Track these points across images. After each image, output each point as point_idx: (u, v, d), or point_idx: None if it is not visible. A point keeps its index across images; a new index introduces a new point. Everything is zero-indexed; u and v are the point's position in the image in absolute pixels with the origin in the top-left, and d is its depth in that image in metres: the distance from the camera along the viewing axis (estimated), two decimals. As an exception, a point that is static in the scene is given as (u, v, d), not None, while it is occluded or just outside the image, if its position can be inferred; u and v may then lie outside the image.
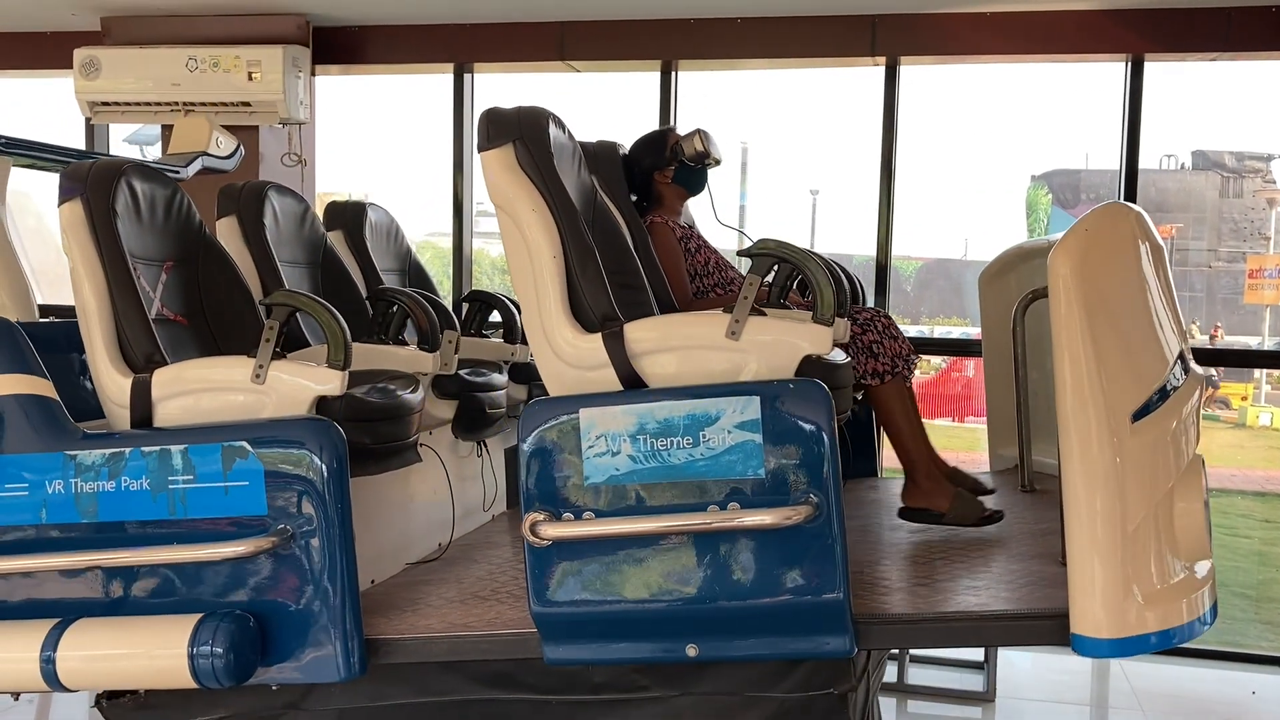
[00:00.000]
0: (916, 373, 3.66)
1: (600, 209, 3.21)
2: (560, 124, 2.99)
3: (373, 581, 3.29)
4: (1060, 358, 2.42)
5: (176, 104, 5.54)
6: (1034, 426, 4.04)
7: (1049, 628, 2.57)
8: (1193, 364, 2.69)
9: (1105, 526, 2.39)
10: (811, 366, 2.63)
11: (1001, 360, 4.29)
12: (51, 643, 2.69)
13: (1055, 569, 2.93)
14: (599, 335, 2.70)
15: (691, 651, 2.61)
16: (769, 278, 2.89)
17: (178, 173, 4.25)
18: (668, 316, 2.86)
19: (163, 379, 2.90)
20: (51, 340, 3.27)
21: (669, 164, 3.71)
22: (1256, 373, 18.47)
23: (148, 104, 5.62)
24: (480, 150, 2.82)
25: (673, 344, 2.70)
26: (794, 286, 3.37)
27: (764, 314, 2.73)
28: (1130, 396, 2.42)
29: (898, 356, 3.38)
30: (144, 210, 3.18)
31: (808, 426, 2.52)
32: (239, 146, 4.94)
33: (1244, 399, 18.73)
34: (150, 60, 5.58)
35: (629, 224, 3.49)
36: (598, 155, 3.58)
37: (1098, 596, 2.40)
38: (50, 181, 3.60)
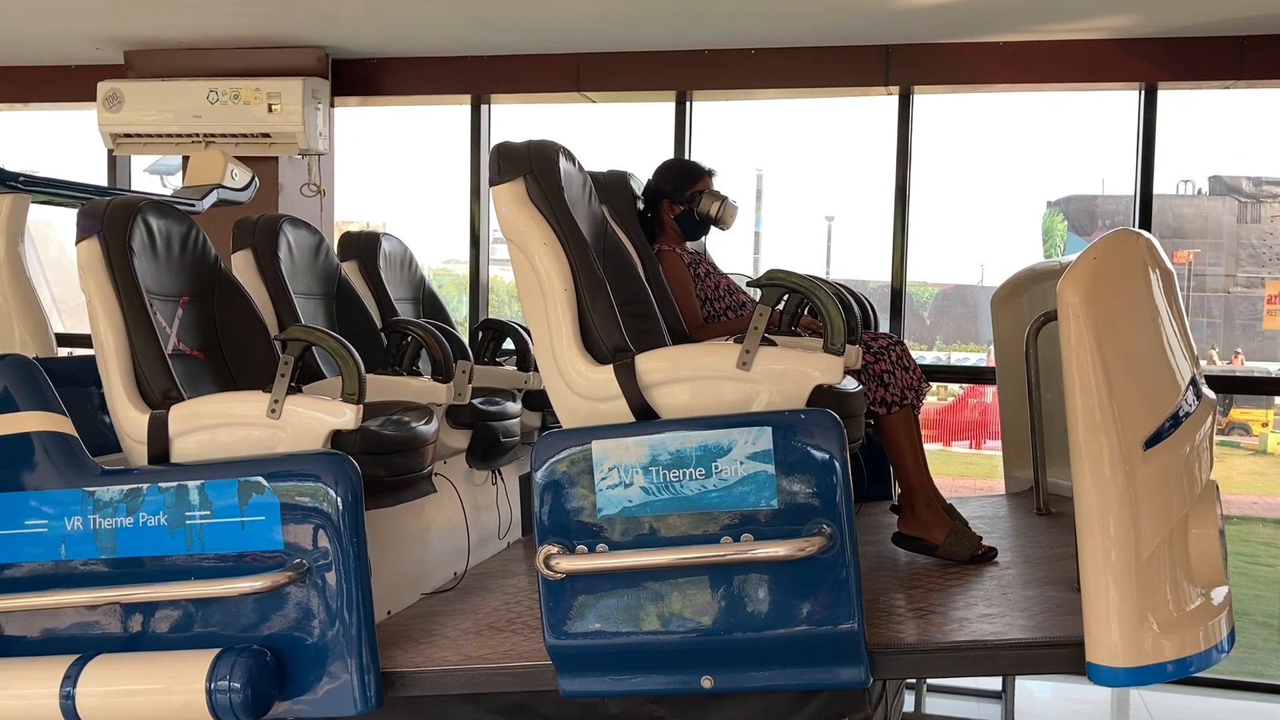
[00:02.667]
0: (933, 398, 3.67)
1: (611, 239, 3.23)
2: (570, 157, 3.02)
3: (389, 612, 3.30)
4: (1071, 386, 2.42)
5: (197, 135, 5.60)
6: (1049, 448, 4.03)
7: (1064, 656, 2.56)
8: (1205, 389, 2.69)
9: (1119, 555, 2.38)
10: (823, 396, 2.64)
11: (1015, 382, 4.29)
12: (71, 678, 2.71)
13: (1070, 595, 2.92)
14: (610, 367, 2.72)
15: (706, 683, 2.61)
16: (779, 306, 2.90)
17: (193, 206, 4.29)
18: (679, 348, 2.87)
19: (179, 415, 2.92)
20: (70, 375, 3.31)
21: (680, 203, 3.75)
22: (1277, 399, 18.32)
23: (169, 135, 5.68)
24: (491, 185, 2.84)
25: (684, 375, 2.71)
26: (805, 312, 3.39)
27: (774, 344, 2.74)
28: (1142, 424, 2.41)
29: (908, 387, 3.38)
30: (160, 247, 3.22)
31: (820, 456, 2.52)
32: (254, 178, 4.98)
33: (1264, 425, 18.57)
34: (172, 92, 5.64)
35: (639, 253, 3.51)
36: (609, 185, 3.60)
37: (1113, 625, 2.39)
38: (73, 214, 3.66)
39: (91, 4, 5.06)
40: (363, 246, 4.44)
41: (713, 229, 3.84)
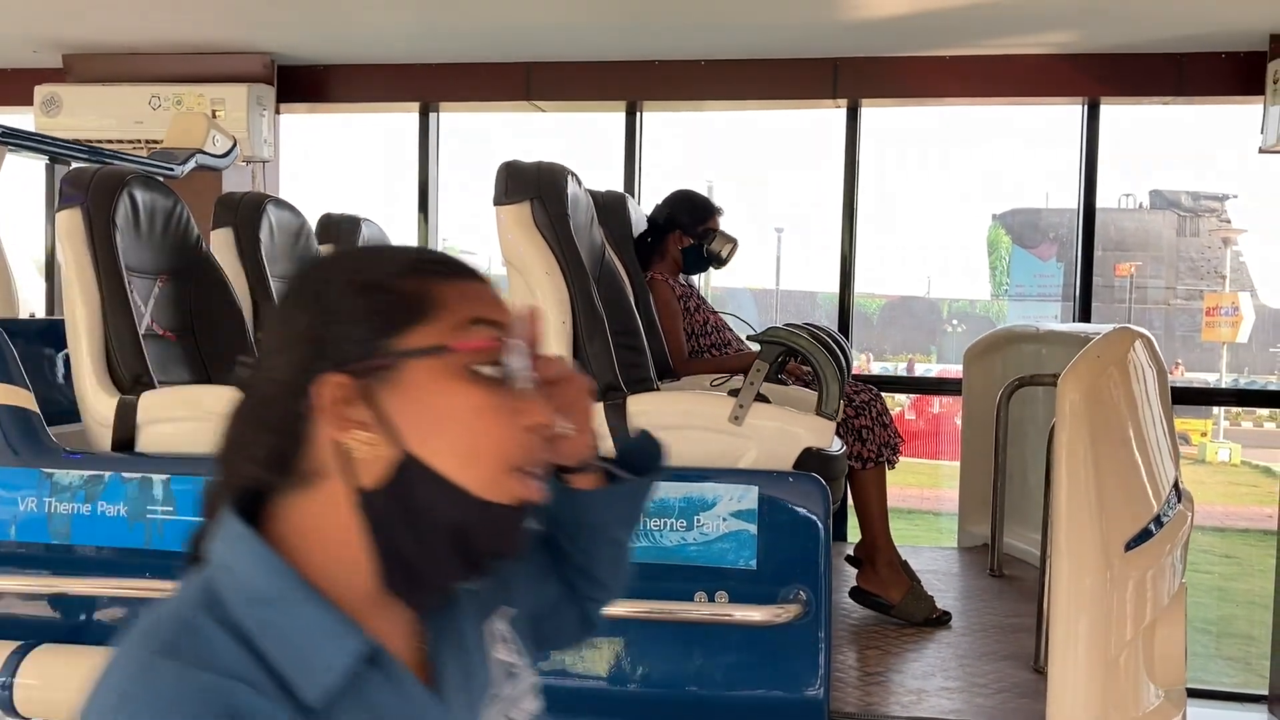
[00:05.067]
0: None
1: (607, 266, 3.18)
2: (578, 180, 2.96)
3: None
4: (1059, 482, 2.42)
5: (139, 141, 5.40)
6: (1006, 507, 4.07)
7: (1022, 744, 2.57)
8: (1185, 489, 2.72)
9: (1088, 655, 2.39)
10: (811, 459, 2.62)
11: (981, 437, 4.32)
12: (10, 668, 2.62)
13: (1029, 675, 2.95)
14: (600, 405, 2.67)
15: (664, 735, 2.59)
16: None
17: (172, 170, 4.17)
18: (670, 394, 2.83)
19: (150, 402, 2.83)
20: (32, 337, 3.20)
21: (691, 235, 3.74)
22: (1215, 410, 18.77)
23: (110, 142, 5.44)
24: (496, 204, 2.78)
25: (673, 422, 2.68)
26: (791, 358, 3.38)
27: (768, 400, 2.72)
28: (1126, 526, 2.42)
29: (885, 445, 3.39)
30: (144, 222, 3.11)
31: (804, 521, 2.51)
32: (235, 145, 4.87)
33: (1203, 435, 19.01)
34: (113, 98, 5.43)
35: (631, 279, 3.46)
36: (606, 206, 3.55)
37: (1076, 722, 2.40)
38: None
39: (28, 6, 4.86)
40: (343, 232, 4.35)
41: (700, 269, 3.85)
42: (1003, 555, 4.11)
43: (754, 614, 2.47)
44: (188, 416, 2.83)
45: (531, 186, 2.77)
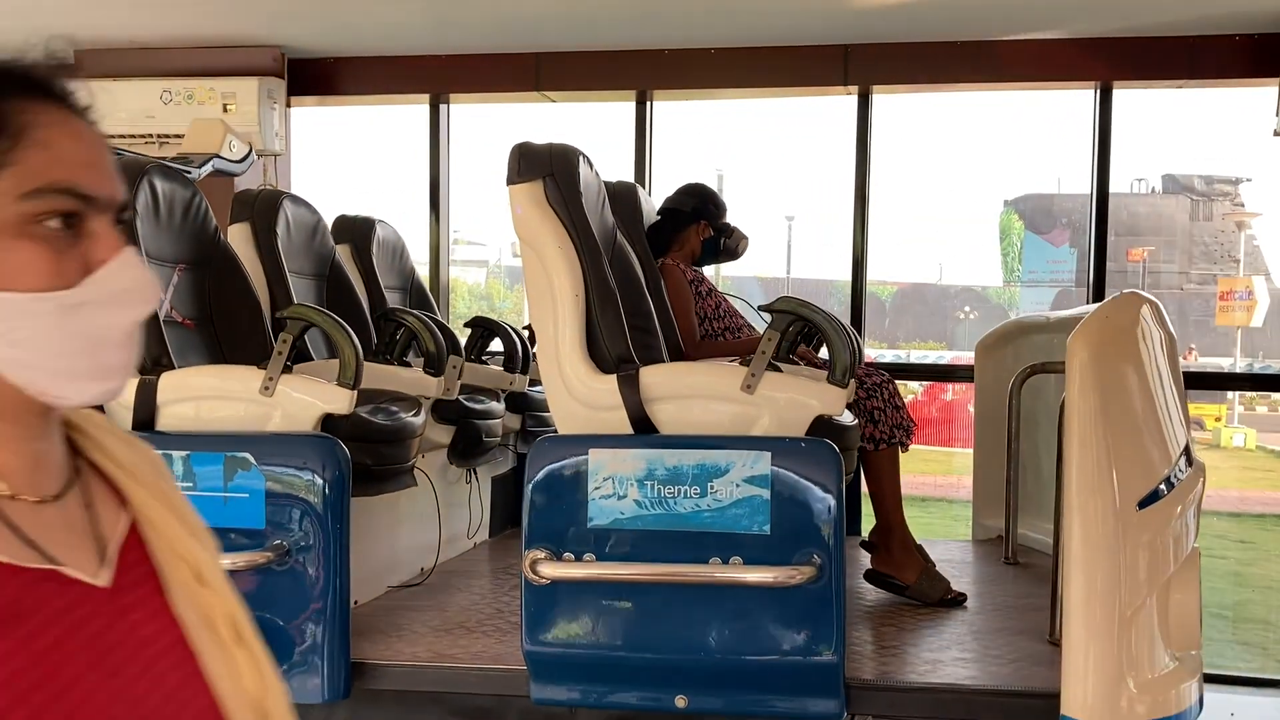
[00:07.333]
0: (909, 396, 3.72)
1: (619, 249, 3.22)
2: (589, 163, 3.01)
3: (356, 602, 3.25)
4: (1070, 440, 2.44)
5: (151, 136, 5.44)
6: (1020, 499, 4.07)
7: (1038, 707, 2.57)
8: (1196, 456, 2.73)
9: (1103, 611, 2.40)
10: (822, 427, 2.65)
11: (994, 429, 4.32)
12: (33, 641, 2.64)
13: (1042, 646, 2.95)
14: (614, 376, 2.71)
15: (680, 703, 2.60)
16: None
17: (189, 173, 4.23)
18: (683, 364, 2.86)
19: (169, 383, 2.88)
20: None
21: (714, 226, 3.81)
22: (1230, 394, 18.57)
23: (121, 136, 5.46)
24: (509, 183, 2.82)
25: (686, 392, 2.71)
26: (801, 342, 3.41)
27: (780, 370, 2.74)
28: (1138, 484, 2.44)
29: (897, 426, 3.41)
30: (163, 211, 3.17)
31: (816, 486, 2.53)
32: (250, 150, 4.94)
33: (1218, 419, 18.82)
34: (124, 92, 5.42)
35: (643, 265, 3.50)
36: (618, 196, 3.59)
37: (1090, 681, 2.41)
38: None
39: (39, 2, 4.94)
40: (358, 231, 4.40)
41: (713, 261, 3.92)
42: (1017, 545, 4.11)
43: (768, 575, 2.48)
44: (207, 396, 2.88)
45: (544, 165, 2.81)
